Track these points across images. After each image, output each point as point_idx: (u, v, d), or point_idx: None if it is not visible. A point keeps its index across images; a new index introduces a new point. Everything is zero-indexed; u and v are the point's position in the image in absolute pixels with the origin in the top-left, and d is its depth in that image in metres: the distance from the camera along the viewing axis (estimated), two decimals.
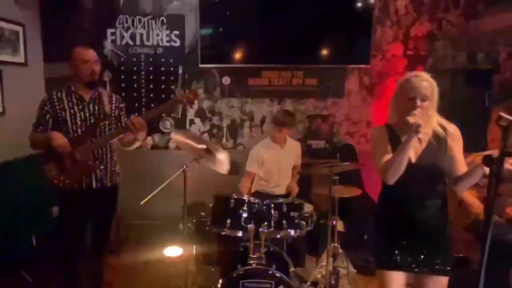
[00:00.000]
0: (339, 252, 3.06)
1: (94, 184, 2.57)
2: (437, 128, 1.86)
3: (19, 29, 3.65)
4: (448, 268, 1.87)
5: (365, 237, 3.63)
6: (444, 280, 1.88)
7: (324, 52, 3.88)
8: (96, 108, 2.59)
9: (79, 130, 2.53)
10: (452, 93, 3.93)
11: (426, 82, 1.80)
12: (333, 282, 2.96)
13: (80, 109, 2.54)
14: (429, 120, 1.82)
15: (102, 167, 2.58)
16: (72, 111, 2.53)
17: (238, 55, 3.90)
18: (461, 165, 1.88)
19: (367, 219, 3.58)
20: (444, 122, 1.90)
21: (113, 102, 2.67)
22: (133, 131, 2.44)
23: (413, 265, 1.89)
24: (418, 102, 1.77)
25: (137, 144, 2.67)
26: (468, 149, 2.92)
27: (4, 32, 3.47)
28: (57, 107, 2.51)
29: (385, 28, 3.97)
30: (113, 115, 2.64)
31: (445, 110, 1.99)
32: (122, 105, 2.73)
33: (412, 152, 1.80)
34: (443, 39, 3.97)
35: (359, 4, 3.78)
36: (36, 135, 2.53)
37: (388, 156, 1.83)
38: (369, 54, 3.84)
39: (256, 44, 3.86)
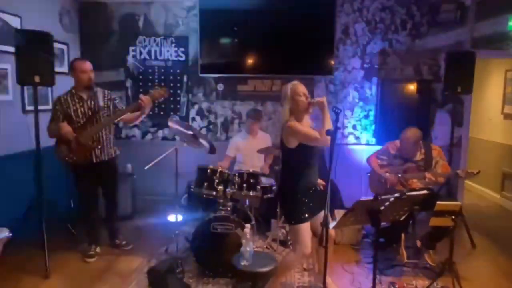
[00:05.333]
0: None
1: (94, 159, 3.41)
2: None
3: (64, 47, 4.73)
4: None
5: None
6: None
7: (298, 65, 4.78)
8: (93, 103, 3.36)
9: (81, 121, 3.32)
10: (401, 98, 4.85)
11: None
12: (289, 238, 3.91)
13: (80, 106, 3.34)
14: None
15: (99, 146, 3.40)
16: (74, 107, 3.32)
17: (230, 67, 4.88)
18: None
19: None
20: None
21: (105, 96, 3.45)
22: (142, 106, 3.24)
23: (315, 212, 2.70)
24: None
25: (139, 120, 3.50)
26: None
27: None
28: (64, 105, 3.31)
29: (346, 46, 4.88)
30: (105, 106, 3.41)
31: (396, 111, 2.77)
32: (113, 96, 3.50)
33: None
34: (393, 55, 4.83)
35: (325, 28, 4.70)
36: (51, 126, 3.33)
37: (313, 130, 2.60)
38: (333, 67, 4.76)
39: (244, 59, 4.84)
